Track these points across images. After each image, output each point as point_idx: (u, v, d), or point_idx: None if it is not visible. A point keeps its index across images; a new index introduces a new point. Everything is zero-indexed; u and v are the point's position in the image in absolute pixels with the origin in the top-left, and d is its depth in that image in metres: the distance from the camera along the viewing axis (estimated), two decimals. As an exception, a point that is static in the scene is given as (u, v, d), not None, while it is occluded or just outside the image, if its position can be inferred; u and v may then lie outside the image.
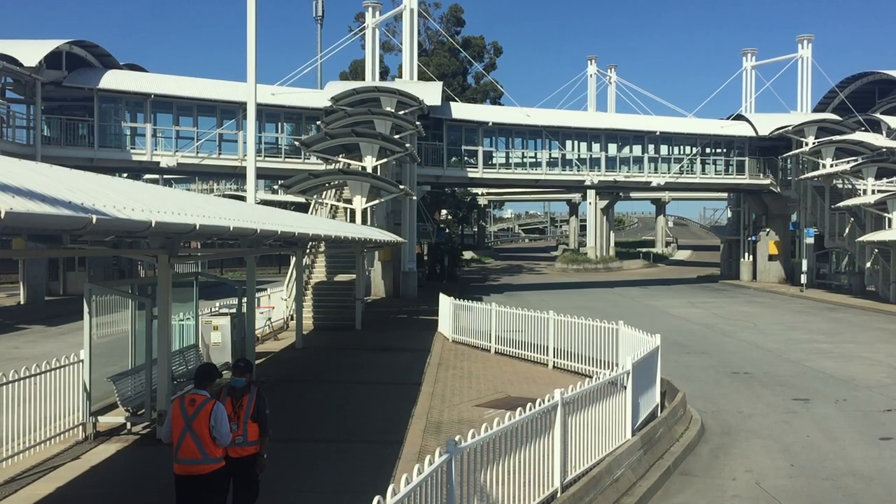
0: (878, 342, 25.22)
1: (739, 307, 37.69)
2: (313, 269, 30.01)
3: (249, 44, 26.69)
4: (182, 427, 7.72)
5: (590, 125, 47.00)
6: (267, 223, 11.12)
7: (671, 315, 34.09)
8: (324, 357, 21.31)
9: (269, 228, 9.26)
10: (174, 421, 7.80)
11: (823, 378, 18.90)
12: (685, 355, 22.56)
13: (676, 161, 49.33)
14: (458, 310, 23.84)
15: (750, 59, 57.58)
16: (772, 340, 25.72)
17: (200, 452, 7.68)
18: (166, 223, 5.50)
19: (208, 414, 7.70)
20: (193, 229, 6.15)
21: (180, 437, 7.72)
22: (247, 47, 26.47)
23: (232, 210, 11.91)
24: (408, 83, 40.93)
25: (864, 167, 40.88)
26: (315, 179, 26.66)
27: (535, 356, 20.01)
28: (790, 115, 52.13)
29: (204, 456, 7.70)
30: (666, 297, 43.59)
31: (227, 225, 7.55)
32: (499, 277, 65.60)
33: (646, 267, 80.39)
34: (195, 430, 7.68)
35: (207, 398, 7.85)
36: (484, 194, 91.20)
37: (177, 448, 7.74)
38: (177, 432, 7.75)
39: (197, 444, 7.67)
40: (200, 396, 7.85)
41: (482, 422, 14.50)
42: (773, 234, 53.06)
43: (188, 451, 7.69)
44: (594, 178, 46.36)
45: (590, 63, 75.09)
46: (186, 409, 7.75)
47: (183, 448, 7.71)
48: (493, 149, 45.12)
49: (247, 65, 26.51)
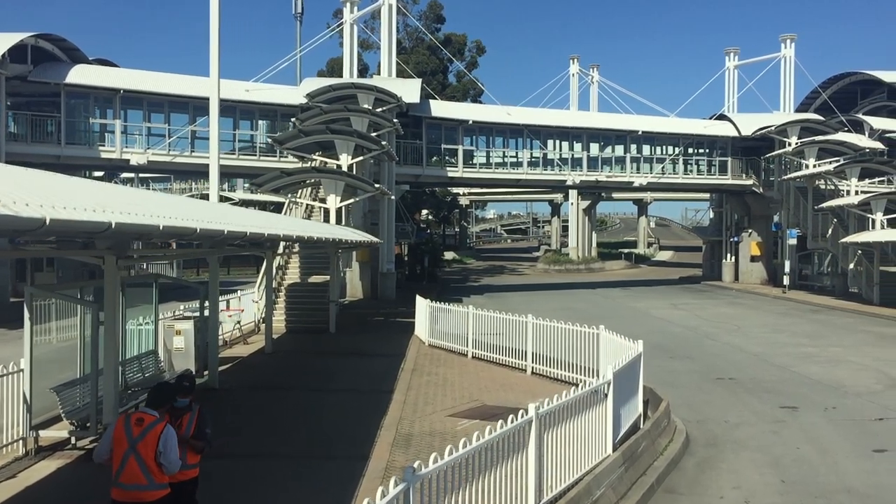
0: (864, 345, 24.67)
1: (722, 309, 37.15)
2: (287, 270, 29.10)
3: (212, 37, 25.73)
4: (125, 448, 6.85)
5: (571, 124, 46.34)
6: (214, 223, 10.27)
7: (653, 317, 33.46)
8: (293, 362, 20.44)
9: (211, 227, 8.42)
10: (116, 440, 6.93)
11: (811, 384, 18.26)
12: (668, 360, 21.88)
13: (659, 161, 48.79)
14: (435, 312, 23.04)
15: (733, 58, 57.14)
16: (756, 344, 25.11)
17: (146, 478, 6.82)
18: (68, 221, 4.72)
19: (157, 437, 6.85)
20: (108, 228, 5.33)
21: (123, 458, 6.84)
22: (210, 41, 25.51)
23: (184, 209, 11.05)
24: (386, 80, 40.08)
25: (847, 167, 40.47)
26: (288, 178, 25.77)
27: (514, 361, 19.25)
28: (773, 115, 51.74)
29: (149, 482, 6.84)
30: (648, 299, 43.00)
31: (156, 224, 6.80)
32: (480, 278, 64.91)
33: (628, 268, 79.98)
34: (140, 452, 6.82)
35: (157, 419, 6.99)
36: (465, 194, 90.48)
37: (118, 471, 6.88)
38: (118, 453, 6.88)
39: (142, 468, 6.81)
40: (150, 416, 6.99)
41: (455, 433, 13.74)
42: (756, 235, 52.65)
43: (132, 475, 6.83)
44: (576, 178, 45.70)
45: (572, 62, 74.46)
46: (132, 429, 6.89)
47: (126, 472, 6.83)
48: (473, 148, 44.35)
49: (209, 60, 25.55)
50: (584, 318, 34.12)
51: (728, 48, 57.50)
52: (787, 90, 53.65)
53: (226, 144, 38.69)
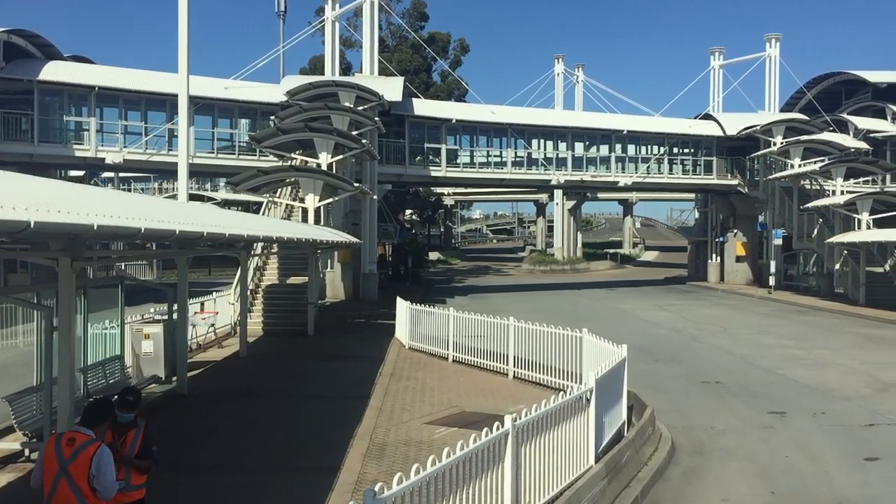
0: (851, 347, 24.31)
1: (708, 310, 36.78)
2: (265, 271, 28.47)
3: (181, 29, 25.02)
4: (56, 471, 6.18)
5: (556, 123, 45.89)
6: (164, 222, 9.66)
7: (638, 318, 33.03)
8: (267, 367, 19.82)
9: (159, 227, 7.83)
10: (46, 462, 6.25)
11: (798, 388, 17.83)
12: (653, 363, 21.42)
13: (644, 161, 48.42)
14: (415, 315, 22.48)
15: (718, 58, 56.89)
16: (742, 346, 24.70)
17: (79, 503, 6.20)
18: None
19: (89, 459, 6.14)
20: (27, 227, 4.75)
21: (53, 483, 6.17)
22: (178, 34, 24.81)
23: (140, 209, 10.43)
24: (368, 78, 39.47)
25: (832, 167, 40.22)
26: (265, 176, 25.13)
27: (495, 365, 18.72)
28: (758, 114, 51.50)
29: (83, 508, 6.21)
30: (633, 300, 42.61)
31: (90, 223, 6.22)
32: (465, 279, 64.38)
33: (613, 268, 79.67)
34: (72, 475, 6.16)
35: (91, 439, 6.30)
36: (450, 194, 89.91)
37: (49, 496, 6.22)
38: (49, 477, 6.20)
39: (75, 492, 6.12)
40: (83, 436, 6.29)
41: (431, 442, 13.19)
42: (741, 236, 52.41)
43: (64, 500, 6.18)
44: (560, 178, 45.24)
45: (557, 62, 74.12)
46: (62, 450, 6.20)
47: (57, 497, 6.15)
48: (457, 147, 43.79)
49: (178, 54, 24.85)
50: (569, 319, 33.64)
51: (713, 48, 57.31)
52: (772, 90, 53.45)
53: (205, 143, 38.05)
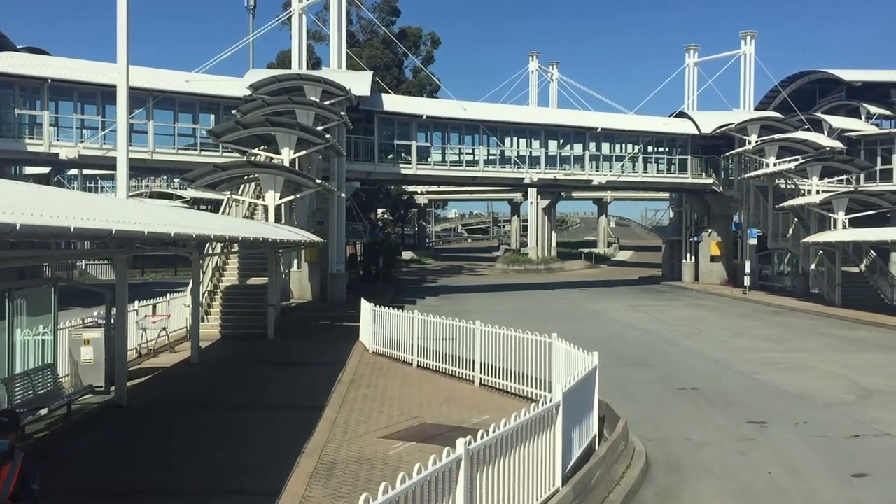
0: (829, 350, 23.62)
1: (682, 311, 36.08)
2: (224, 272, 27.27)
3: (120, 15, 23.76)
4: None
5: (529, 120, 44.98)
6: (99, 221, 8.58)
7: (612, 320, 32.23)
8: (219, 374, 18.68)
9: (89, 227, 6.81)
10: None
11: (778, 395, 17.03)
12: (626, 367, 20.56)
13: (618, 159, 47.68)
14: (379, 317, 21.45)
15: (693, 55, 56.35)
16: (718, 349, 23.93)
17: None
18: None
19: None
20: None
21: None
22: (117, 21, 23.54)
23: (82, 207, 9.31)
24: (335, 72, 38.33)
25: (808, 166, 39.70)
26: (222, 172, 23.95)
27: (461, 371, 17.75)
28: (733, 112, 51.00)
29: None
30: (607, 300, 41.87)
31: (12, 222, 5.33)
32: (437, 279, 63.41)
33: (588, 268, 79.09)
34: None
35: None
36: (424, 193, 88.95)
37: None
38: None
39: None
40: None
41: (386, 459, 12.15)
42: (716, 235, 51.90)
43: None
44: (534, 176, 44.40)
45: (531, 59, 73.39)
46: None
47: None
48: (428, 144, 42.71)
49: (116, 41, 23.57)
50: (541, 320, 32.80)
51: (688, 45, 56.75)
52: (747, 88, 52.99)
53: (166, 139, 36.72)
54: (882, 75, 55.56)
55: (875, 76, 55.27)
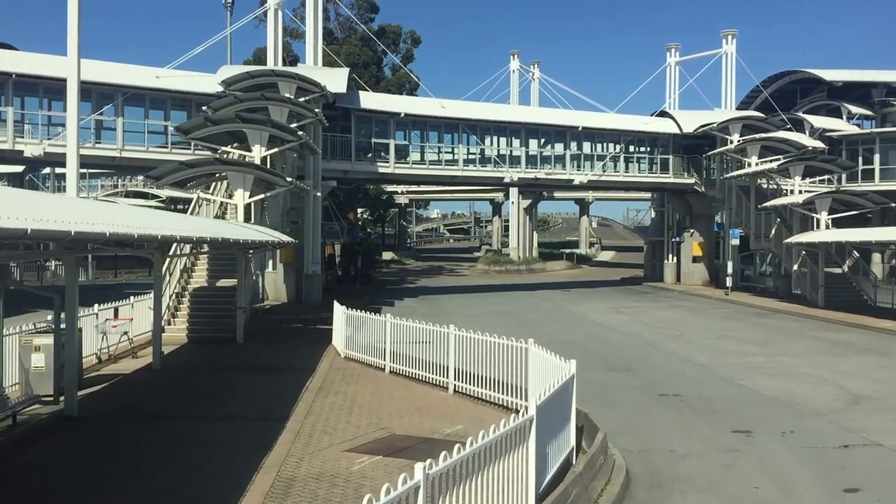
0: (816, 354, 23.07)
1: (664, 312, 35.52)
2: (193, 273, 26.37)
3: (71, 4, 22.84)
4: None
5: (509, 119, 44.29)
6: (57, 222, 7.75)
7: (593, 322, 31.59)
8: (181, 381, 17.80)
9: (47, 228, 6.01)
10: None
11: (764, 402, 16.39)
12: (607, 372, 19.88)
13: (599, 158, 47.12)
14: (351, 321, 20.65)
15: (674, 54, 55.89)
16: (701, 352, 23.32)
17: None
18: None
19: None
20: None
21: None
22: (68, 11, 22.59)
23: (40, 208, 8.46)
24: (311, 69, 37.44)
25: (791, 165, 39.26)
26: (188, 170, 23.04)
27: (434, 378, 17.00)
28: (714, 112, 50.59)
29: None
30: (588, 301, 41.26)
31: None
32: (417, 279, 62.63)
33: (569, 268, 78.55)
34: None
35: None
36: (404, 193, 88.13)
37: None
38: None
39: None
40: None
41: (349, 475, 11.34)
42: (698, 235, 51.45)
43: None
44: (514, 175, 43.71)
45: (512, 58, 72.76)
46: None
47: None
48: (406, 142, 41.94)
49: (67, 29, 22.61)
50: (520, 323, 32.12)
51: (669, 44, 56.28)
52: (728, 87, 52.61)
53: (136, 136, 35.72)
54: (863, 75, 55.51)
55: (856, 76, 55.20)
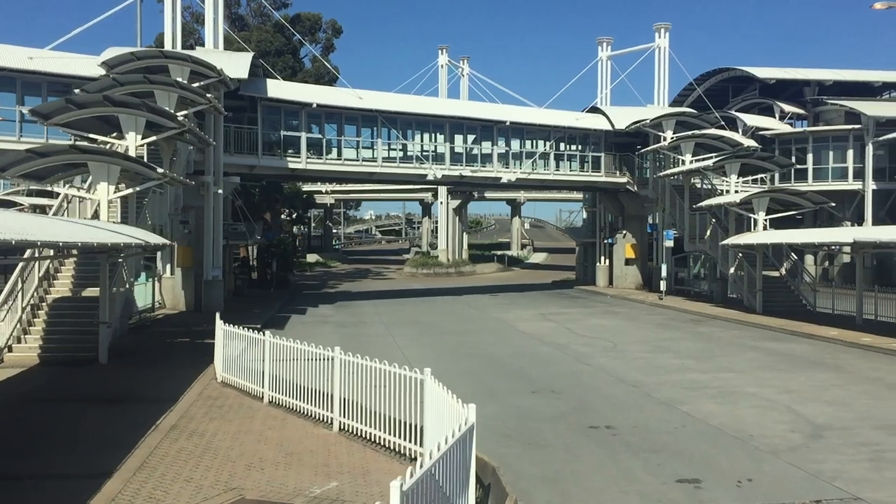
0: (760, 368, 20.68)
1: (596, 319, 33.07)
2: (56, 280, 22.66)
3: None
4: None
5: (433, 112, 41.30)
6: None
7: (519, 332, 28.86)
8: (1, 419, 14.28)
9: None
10: None
11: (711, 435, 13.76)
12: (530, 396, 17.07)
13: (528, 156, 44.58)
14: (229, 338, 17.39)
15: (606, 48, 53.80)
16: (636, 368, 20.73)
17: None
18: None
19: None
20: None
21: None
22: None
23: None
24: (210, 52, 33.85)
25: (727, 162, 37.28)
26: (40, 160, 19.41)
27: (318, 412, 13.94)
28: (647, 108, 48.66)
29: None
30: (516, 308, 38.63)
31: None
32: (340, 283, 59.29)
33: (500, 271, 76.18)
34: None
35: None
36: (328, 192, 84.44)
37: None
38: None
39: None
40: None
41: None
42: (630, 237, 49.43)
43: None
44: (437, 173, 40.78)
45: (441, 53, 70.07)
46: None
47: None
48: (319, 136, 38.56)
49: None
50: (440, 333, 29.21)
51: (601, 38, 54.22)
52: (661, 83, 50.70)
53: (7, 125, 31.61)
54: (795, 73, 54.42)
55: (789, 74, 54.07)
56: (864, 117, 47.99)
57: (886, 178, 48.72)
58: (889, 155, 49.22)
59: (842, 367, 20.91)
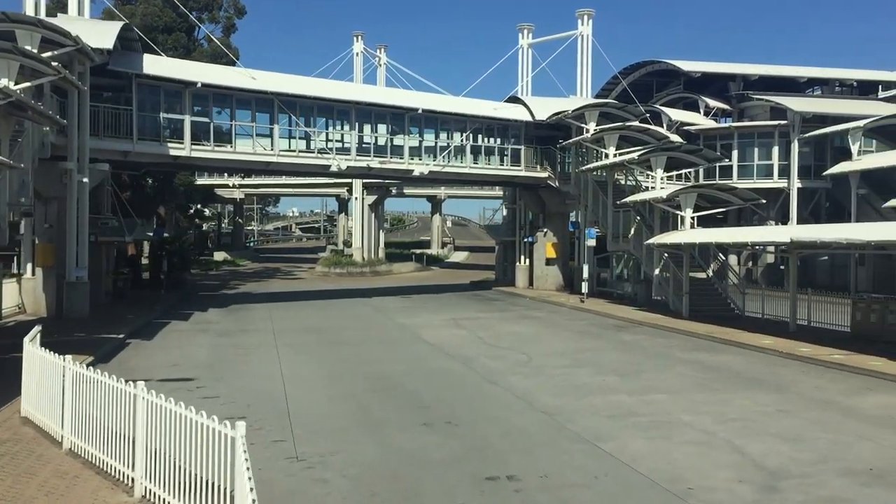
0: (692, 388, 17.85)
1: (512, 325, 30.06)
2: None
3: None
4: None
5: (337, 96, 37.58)
6: None
7: (425, 342, 25.56)
8: None
9: None
10: None
11: (640, 489, 10.66)
12: (419, 431, 13.74)
13: (443, 148, 41.40)
14: (31, 362, 13.54)
15: (526, 36, 51.01)
16: (552, 388, 17.65)
17: None
18: None
19: None
20: None
21: None
22: None
23: None
24: (72, 20, 29.53)
25: (653, 156, 34.79)
26: None
27: (118, 467, 10.31)
28: (570, 99, 46.08)
29: None
30: (427, 311, 35.38)
31: None
32: (243, 284, 55.06)
33: (418, 270, 72.93)
34: None
35: None
36: (237, 186, 79.61)
37: None
38: None
39: None
40: None
41: None
42: (551, 235, 46.77)
43: None
44: (342, 164, 37.14)
45: (356, 40, 66.46)
46: None
47: None
48: (206, 120, 34.42)
49: None
50: (333, 343, 25.55)
51: (521, 24, 51.40)
52: (584, 72, 48.19)
53: None
54: (721, 67, 52.93)
55: (714, 67, 52.51)
56: (789, 113, 46.49)
57: (812, 175, 47.33)
58: (815, 152, 47.86)
59: (783, 385, 18.24)
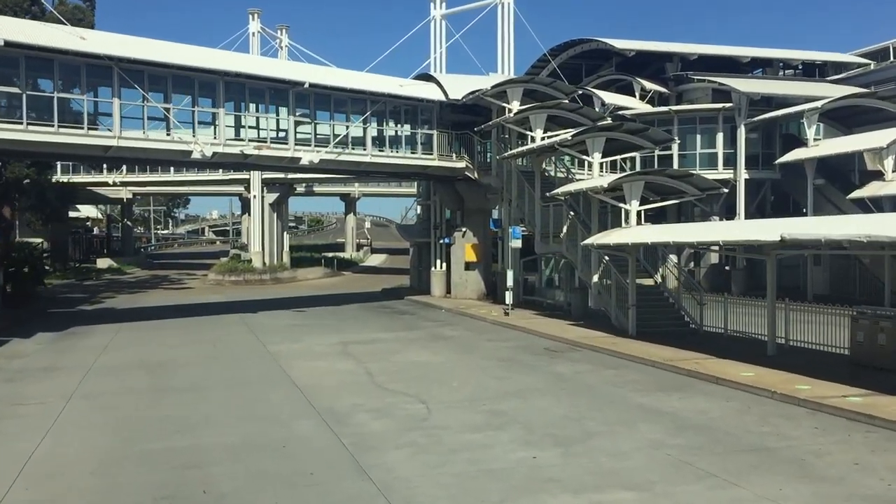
0: (671, 472, 11.39)
1: (416, 352, 23.41)
2: None
3: None
4: None
5: (197, 64, 30.08)
6: None
7: (291, 383, 18.62)
8: None
9: None
10: None
11: None
12: None
13: (339, 133, 34.47)
14: None
15: (439, 5, 44.49)
16: (452, 479, 10.99)
17: None
18: None
19: None
20: None
21: None
22: None
23: None
24: None
25: (589, 137, 28.60)
26: None
27: None
28: (489, 77, 39.67)
29: None
30: (316, 332, 28.48)
31: None
32: (114, 296, 47.05)
33: (327, 276, 65.77)
34: None
35: None
36: (120, 184, 70.68)
37: None
38: None
39: None
40: None
41: None
42: (471, 236, 40.39)
43: None
44: (207, 150, 29.73)
45: (252, 18, 58.92)
46: None
47: None
48: (18, 91, 26.50)
49: None
50: (160, 391, 17.46)
51: (429, -8, 44.86)
52: (506, 48, 41.92)
53: None
54: (657, 46, 47.36)
55: (650, 46, 46.90)
56: (735, 94, 41.16)
57: (759, 165, 42.19)
58: (763, 139, 42.73)
59: (806, 461, 11.94)
